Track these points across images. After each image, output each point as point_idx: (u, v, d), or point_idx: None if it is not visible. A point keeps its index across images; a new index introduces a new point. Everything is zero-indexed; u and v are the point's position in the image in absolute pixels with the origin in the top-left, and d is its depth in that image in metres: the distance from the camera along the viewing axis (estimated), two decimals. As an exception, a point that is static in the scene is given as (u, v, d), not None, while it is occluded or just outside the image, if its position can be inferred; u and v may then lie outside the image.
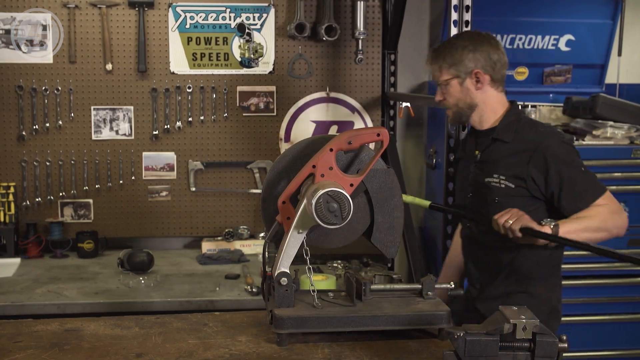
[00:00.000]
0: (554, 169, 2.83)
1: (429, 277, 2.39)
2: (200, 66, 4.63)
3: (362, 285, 2.34)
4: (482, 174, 3.00)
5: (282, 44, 4.71)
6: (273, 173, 2.41)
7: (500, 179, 2.92)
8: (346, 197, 2.16)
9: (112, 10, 4.55)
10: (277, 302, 2.27)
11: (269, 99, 4.72)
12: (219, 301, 3.69)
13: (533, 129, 2.97)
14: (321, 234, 2.34)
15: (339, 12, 4.71)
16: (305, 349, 2.21)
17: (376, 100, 4.83)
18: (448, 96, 3.03)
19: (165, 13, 4.59)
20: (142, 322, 2.50)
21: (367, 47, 4.77)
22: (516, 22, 4.84)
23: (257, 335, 2.34)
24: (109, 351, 2.23)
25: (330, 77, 4.77)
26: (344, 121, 4.80)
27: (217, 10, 4.62)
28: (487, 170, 2.98)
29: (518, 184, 2.89)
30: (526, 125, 2.98)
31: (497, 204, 2.89)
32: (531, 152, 2.87)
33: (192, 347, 2.25)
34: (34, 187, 4.58)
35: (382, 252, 2.41)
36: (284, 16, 4.68)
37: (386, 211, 2.37)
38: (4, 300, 3.64)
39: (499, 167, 2.94)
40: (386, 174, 2.36)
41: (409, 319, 2.24)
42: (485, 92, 3.00)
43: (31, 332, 2.40)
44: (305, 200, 2.20)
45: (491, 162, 2.98)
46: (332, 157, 2.26)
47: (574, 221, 2.77)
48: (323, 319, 2.23)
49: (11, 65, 4.50)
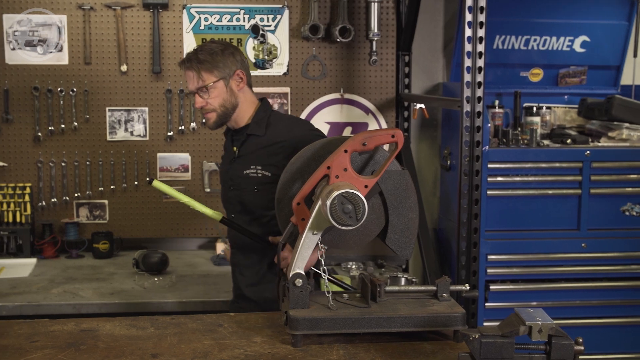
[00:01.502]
0: None
1: (444, 279, 2.39)
2: (214, 67, 4.64)
3: (377, 286, 2.34)
4: (240, 167, 3.14)
5: (296, 45, 4.71)
6: (287, 174, 2.42)
7: (257, 170, 3.10)
8: (361, 198, 2.16)
9: (126, 12, 4.57)
10: (292, 304, 2.27)
11: (283, 100, 4.72)
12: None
13: (283, 121, 3.21)
14: (336, 235, 2.35)
15: (353, 14, 4.71)
16: (320, 350, 2.22)
17: (390, 101, 4.82)
18: (212, 100, 3.09)
19: (179, 14, 4.60)
20: (158, 323, 2.51)
21: (381, 48, 4.77)
22: (531, 23, 4.82)
23: (272, 336, 2.35)
24: (124, 351, 2.24)
25: (345, 78, 4.77)
26: (358, 122, 4.80)
27: (231, 11, 4.63)
28: (245, 163, 3.14)
29: (274, 172, 3.04)
30: (276, 119, 3.19)
31: (256, 192, 3.09)
32: (283, 142, 3.06)
33: (207, 347, 2.26)
34: (49, 187, 4.61)
35: (397, 254, 2.41)
36: (298, 17, 4.69)
37: (401, 212, 2.37)
38: (20, 300, 3.66)
39: (255, 159, 3.11)
40: (401, 176, 2.36)
41: (424, 321, 2.24)
42: (244, 92, 3.15)
43: (47, 332, 2.42)
44: (320, 201, 2.20)
45: (247, 155, 3.14)
46: (347, 158, 2.26)
47: None
48: (338, 320, 2.23)
49: (27, 67, 4.52)
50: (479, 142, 3.67)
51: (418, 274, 4.85)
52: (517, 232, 4.33)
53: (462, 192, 3.70)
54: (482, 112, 3.66)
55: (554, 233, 4.34)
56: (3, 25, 4.47)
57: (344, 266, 4.35)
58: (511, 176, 4.29)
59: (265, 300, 3.10)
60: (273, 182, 2.96)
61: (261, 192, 3.08)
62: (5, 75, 4.52)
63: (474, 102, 3.65)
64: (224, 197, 3.29)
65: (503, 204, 4.29)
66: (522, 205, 4.30)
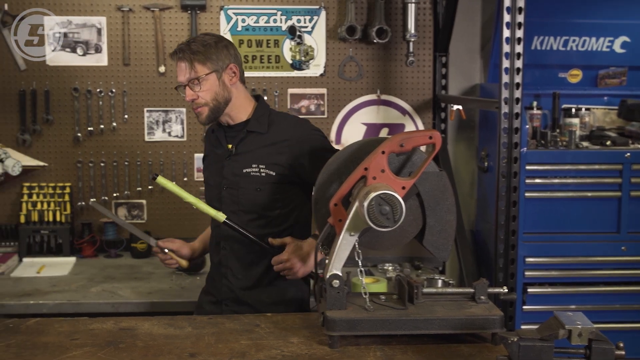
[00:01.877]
0: (310, 155, 3.00)
1: (482, 281, 2.38)
2: (251, 69, 4.66)
3: (414, 288, 2.33)
4: (237, 165, 3.05)
5: (332, 47, 4.71)
6: (325, 175, 2.42)
7: (260, 168, 3.01)
8: (398, 199, 2.16)
9: (164, 14, 4.61)
10: (329, 305, 2.27)
11: (319, 101, 4.73)
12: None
13: (286, 120, 3.15)
14: (373, 237, 2.34)
15: (390, 14, 4.70)
16: (357, 351, 2.22)
17: (427, 102, 4.81)
18: (203, 93, 2.99)
19: (217, 16, 4.63)
20: (195, 322, 2.53)
21: (418, 49, 4.75)
22: (570, 23, 4.77)
23: (309, 337, 2.35)
24: (162, 350, 2.26)
25: (381, 79, 4.76)
26: (394, 124, 4.79)
27: (268, 12, 4.65)
28: (244, 161, 3.04)
29: (279, 172, 2.99)
30: (278, 117, 3.14)
31: (258, 192, 3.01)
32: (289, 140, 3.01)
33: (244, 347, 2.27)
34: (89, 187, 4.66)
35: (434, 255, 2.40)
36: (335, 19, 4.69)
37: (438, 214, 2.36)
38: (60, 298, 3.71)
39: (258, 157, 3.02)
40: (438, 177, 2.35)
41: (461, 323, 2.23)
42: (237, 86, 3.06)
43: (87, 330, 2.45)
44: (357, 202, 2.21)
45: (247, 153, 3.05)
46: (384, 159, 2.26)
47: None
48: (375, 321, 2.23)
49: (67, 68, 4.58)
50: (517, 144, 3.65)
51: (455, 276, 4.82)
52: (555, 234, 4.28)
53: (499, 194, 3.68)
54: (520, 114, 3.64)
55: (593, 236, 4.28)
56: (44, 27, 4.53)
57: (380, 267, 4.35)
58: (549, 178, 4.25)
59: (262, 303, 3.04)
60: (277, 182, 3.01)
61: (264, 191, 3.00)
62: (46, 77, 4.58)
63: (512, 104, 3.62)
64: (213, 197, 3.15)
65: (541, 206, 4.25)
66: (561, 208, 4.26)
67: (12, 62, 4.53)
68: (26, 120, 4.58)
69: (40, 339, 2.38)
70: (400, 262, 4.50)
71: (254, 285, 3.07)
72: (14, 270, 4.23)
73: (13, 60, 4.53)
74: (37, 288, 3.87)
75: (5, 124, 4.58)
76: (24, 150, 4.58)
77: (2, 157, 4.49)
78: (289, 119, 3.20)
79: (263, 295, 3.06)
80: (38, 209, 4.52)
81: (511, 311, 3.72)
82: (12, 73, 4.55)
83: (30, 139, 4.58)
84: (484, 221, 4.77)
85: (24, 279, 4.07)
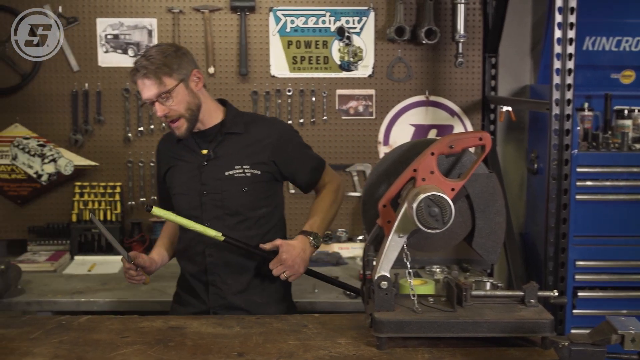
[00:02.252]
0: (290, 151, 3.07)
1: (532, 285, 2.35)
2: (300, 69, 4.68)
3: (463, 290, 2.32)
4: (218, 169, 3.00)
5: (381, 47, 4.70)
6: (374, 176, 2.42)
7: (244, 169, 2.99)
8: (447, 201, 2.15)
9: (214, 15, 4.64)
10: (377, 306, 2.27)
11: (368, 102, 4.72)
12: (318, 303, 3.71)
13: (260, 119, 3.21)
14: (421, 238, 2.34)
15: (439, 15, 4.67)
16: (405, 353, 2.21)
17: (476, 103, 4.77)
18: (176, 105, 2.91)
19: (266, 17, 4.65)
20: (243, 322, 2.55)
21: (467, 50, 4.72)
22: (623, 23, 4.70)
23: (357, 338, 2.35)
24: (211, 349, 2.28)
25: (430, 80, 4.74)
26: (443, 125, 4.76)
27: (317, 14, 4.66)
28: (225, 164, 3.00)
29: (264, 170, 3.01)
30: (251, 117, 3.17)
31: (245, 192, 2.99)
32: (268, 139, 3.03)
33: (292, 348, 2.28)
34: (139, 187, 4.71)
35: (484, 258, 2.39)
36: (384, 19, 4.68)
37: (488, 216, 2.35)
38: (111, 296, 3.76)
39: (240, 158, 3.01)
40: (488, 179, 2.34)
41: (511, 327, 2.21)
42: (202, 92, 3.02)
43: (137, 328, 2.48)
44: (406, 204, 2.20)
45: (228, 155, 3.02)
46: (434, 161, 2.25)
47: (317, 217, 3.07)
48: (423, 323, 2.23)
49: (118, 69, 4.64)
50: (567, 146, 3.60)
51: (503, 278, 4.78)
52: (606, 237, 4.21)
53: (550, 196, 3.63)
54: (572, 115, 3.59)
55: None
56: (96, 29, 4.60)
57: (428, 269, 4.32)
58: (601, 180, 4.18)
59: (255, 304, 3.03)
60: (263, 180, 3.03)
61: (250, 191, 3.00)
62: (98, 78, 4.64)
63: (563, 105, 3.58)
64: (191, 205, 3.05)
65: (592, 209, 4.19)
66: (613, 211, 4.19)
67: (65, 64, 4.61)
68: (78, 120, 4.65)
69: (91, 336, 2.42)
70: (448, 264, 4.47)
71: (245, 288, 3.06)
72: (66, 267, 4.30)
73: (66, 61, 4.60)
74: (88, 286, 3.93)
75: (58, 125, 4.66)
76: (76, 150, 4.65)
77: (54, 157, 4.58)
78: (263, 118, 3.26)
79: (255, 296, 3.06)
80: (89, 208, 4.59)
81: (561, 315, 3.68)
82: (66, 74, 4.62)
83: (82, 139, 4.65)
84: (533, 224, 4.72)
85: (76, 276, 4.13)
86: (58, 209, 4.70)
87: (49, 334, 2.44)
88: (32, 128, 4.63)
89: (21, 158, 4.59)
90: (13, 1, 4.54)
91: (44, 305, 3.73)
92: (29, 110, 4.64)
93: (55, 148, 4.60)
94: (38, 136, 4.61)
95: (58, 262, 4.32)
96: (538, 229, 4.49)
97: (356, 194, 4.73)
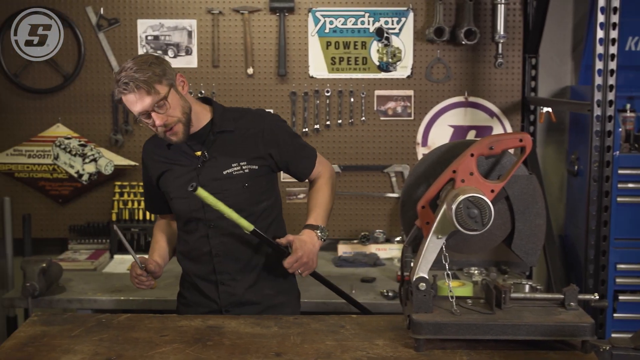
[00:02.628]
0: (283, 142, 3.05)
1: (572, 287, 2.33)
2: (338, 70, 4.68)
3: (502, 292, 2.30)
4: (216, 169, 2.96)
5: (420, 48, 4.69)
6: (412, 177, 2.41)
7: (242, 166, 2.97)
8: (487, 203, 2.13)
9: (254, 16, 4.66)
10: (415, 307, 2.26)
11: (406, 103, 4.71)
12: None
13: (248, 112, 3.13)
14: (460, 240, 2.33)
15: (479, 15, 4.65)
16: (442, 355, 2.20)
17: (516, 105, 4.73)
18: (172, 111, 2.85)
19: (305, 18, 4.66)
20: (281, 322, 2.55)
21: (507, 50, 4.69)
22: (668, 24, 4.64)
23: (394, 339, 2.35)
24: (249, 349, 2.29)
25: (469, 81, 4.72)
26: (482, 126, 4.73)
27: (356, 14, 4.65)
28: (222, 163, 2.97)
29: (261, 164, 3.00)
30: (239, 112, 3.12)
31: (246, 188, 2.98)
32: (260, 132, 3.01)
33: (329, 348, 2.28)
34: (177, 187, 4.74)
35: (523, 260, 2.37)
36: (423, 20, 4.67)
37: (528, 218, 2.33)
38: (149, 295, 3.78)
39: (236, 156, 2.98)
40: (528, 181, 2.32)
41: (550, 330, 2.19)
42: (187, 94, 2.97)
43: (176, 327, 2.50)
44: (445, 205, 2.19)
45: (223, 154, 2.98)
46: (473, 162, 2.24)
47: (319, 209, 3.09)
48: (462, 325, 2.22)
49: (158, 70, 4.67)
50: (609, 147, 3.56)
51: (542, 281, 4.74)
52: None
53: (591, 198, 3.59)
54: (614, 116, 3.55)
55: (688, 243, 4.16)
56: (137, 30, 4.64)
57: (466, 271, 4.30)
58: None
59: (267, 297, 3.04)
60: (261, 174, 3.02)
61: (250, 187, 2.98)
62: (138, 78, 4.68)
63: (604, 106, 3.54)
64: (192, 207, 2.99)
65: (634, 211, 4.14)
66: (655, 213, 4.15)
67: (106, 65, 4.66)
68: (118, 120, 4.71)
69: (130, 334, 2.44)
70: (486, 266, 4.41)
71: (255, 282, 3.04)
72: (106, 266, 4.35)
73: (107, 62, 4.66)
74: (127, 284, 3.96)
75: (99, 125, 4.72)
76: (116, 150, 4.71)
77: (95, 156, 4.64)
78: (250, 110, 3.16)
79: (265, 289, 3.06)
80: (129, 207, 4.63)
81: (601, 319, 3.63)
82: (107, 75, 4.67)
83: (122, 139, 4.70)
84: (573, 226, 4.67)
85: (115, 275, 4.18)
86: (98, 208, 4.76)
87: (89, 331, 2.47)
88: (73, 128, 4.69)
89: (63, 158, 4.65)
90: (57, 3, 4.60)
91: (84, 303, 3.78)
92: (71, 110, 4.70)
93: (96, 148, 4.66)
94: (79, 136, 4.68)
95: (98, 260, 4.37)
96: (578, 231, 4.45)
97: (394, 194, 4.72)
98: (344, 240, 4.69)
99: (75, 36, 4.63)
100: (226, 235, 2.98)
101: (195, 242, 3.07)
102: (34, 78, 4.67)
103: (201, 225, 3.02)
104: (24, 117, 4.70)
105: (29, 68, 4.64)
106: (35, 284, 3.65)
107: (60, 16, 4.59)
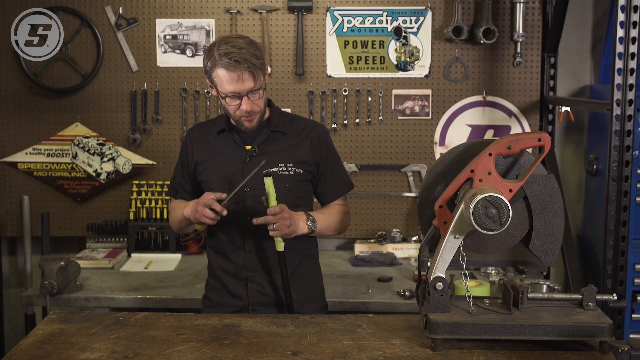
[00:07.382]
0: (325, 154, 3.10)
1: (590, 288, 2.32)
2: (356, 69, 4.67)
3: (520, 292, 2.29)
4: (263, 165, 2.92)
5: (438, 47, 4.68)
6: (430, 177, 2.41)
7: (288, 167, 3.01)
8: (505, 202, 2.13)
9: (272, 15, 4.67)
10: (432, 307, 2.26)
11: (424, 103, 4.70)
12: (372, 303, 3.70)
13: (299, 118, 3.19)
14: (478, 240, 2.32)
15: (498, 14, 4.63)
16: (459, 355, 2.20)
17: (534, 104, 4.71)
18: (259, 101, 2.91)
19: (323, 17, 4.66)
20: (298, 321, 2.55)
21: (525, 49, 4.67)
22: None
23: (411, 339, 2.34)
24: (265, 348, 2.29)
25: (487, 80, 4.70)
26: (500, 125, 4.71)
27: (374, 14, 4.65)
28: (270, 161, 2.96)
29: (305, 169, 3.04)
30: (293, 117, 3.17)
31: (288, 190, 3.00)
32: (310, 138, 3.06)
33: (346, 347, 2.28)
34: (195, 186, 4.76)
35: (541, 260, 2.36)
36: (441, 19, 4.65)
37: (546, 218, 2.32)
38: (167, 293, 3.80)
39: (284, 156, 3.02)
40: (546, 180, 2.31)
41: (568, 330, 2.17)
42: None
43: (193, 326, 2.51)
44: (463, 205, 2.18)
45: (273, 152, 3.00)
46: (491, 161, 2.23)
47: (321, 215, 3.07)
48: (479, 325, 2.21)
49: (177, 69, 4.69)
50: (629, 147, 3.53)
51: (560, 281, 4.71)
52: (668, 241, 4.13)
53: (609, 198, 3.57)
54: (633, 116, 3.52)
55: None
56: (156, 30, 4.66)
57: (483, 271, 4.28)
58: (663, 183, 4.10)
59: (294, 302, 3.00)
60: (303, 179, 3.05)
61: (292, 189, 3.00)
62: (156, 78, 4.70)
63: (624, 105, 3.51)
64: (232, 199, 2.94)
65: (653, 212, 4.11)
66: (674, 214, 4.11)
67: (125, 64, 4.68)
68: (137, 120, 4.72)
69: (148, 332, 2.45)
70: (504, 266, 4.42)
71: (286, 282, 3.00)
72: (123, 265, 4.37)
73: (126, 62, 4.67)
74: (144, 283, 3.99)
75: (117, 124, 4.73)
76: (134, 149, 4.72)
77: (113, 155, 4.66)
78: (303, 118, 3.22)
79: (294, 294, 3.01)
80: (146, 206, 4.65)
81: (620, 319, 3.61)
82: (125, 74, 4.69)
83: (140, 138, 4.72)
84: (591, 226, 4.65)
85: (133, 273, 4.20)
86: (116, 206, 4.78)
87: (106, 329, 2.48)
88: (92, 127, 4.72)
89: (81, 156, 4.67)
90: (77, 3, 4.63)
91: (102, 301, 3.79)
92: (89, 109, 4.73)
93: (114, 147, 4.68)
94: (98, 135, 4.70)
95: (115, 259, 4.39)
96: (596, 231, 4.42)
97: (411, 194, 4.71)
98: (360, 240, 4.68)
99: (94, 35, 4.65)
100: (261, 232, 2.95)
101: (228, 237, 3.07)
102: (53, 77, 4.69)
103: (237, 220, 3.01)
104: (43, 117, 4.73)
105: (48, 67, 4.66)
106: (53, 282, 3.66)
107: (79, 16, 4.61)
